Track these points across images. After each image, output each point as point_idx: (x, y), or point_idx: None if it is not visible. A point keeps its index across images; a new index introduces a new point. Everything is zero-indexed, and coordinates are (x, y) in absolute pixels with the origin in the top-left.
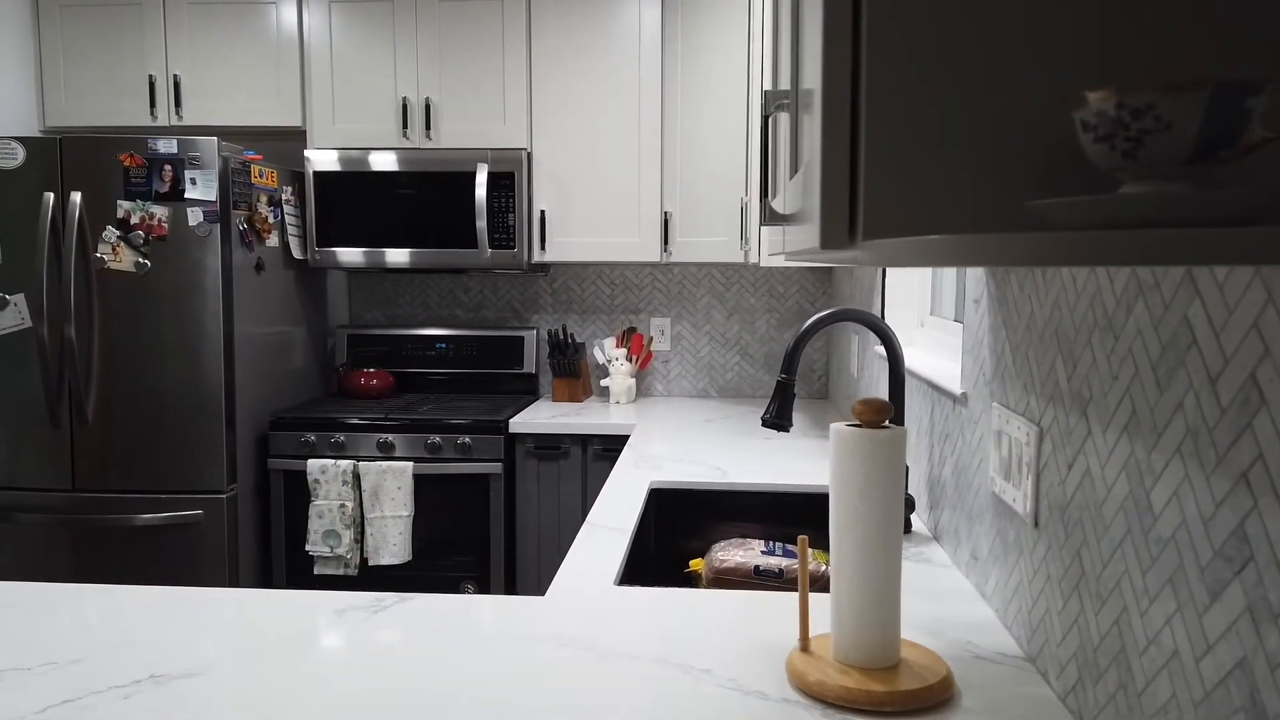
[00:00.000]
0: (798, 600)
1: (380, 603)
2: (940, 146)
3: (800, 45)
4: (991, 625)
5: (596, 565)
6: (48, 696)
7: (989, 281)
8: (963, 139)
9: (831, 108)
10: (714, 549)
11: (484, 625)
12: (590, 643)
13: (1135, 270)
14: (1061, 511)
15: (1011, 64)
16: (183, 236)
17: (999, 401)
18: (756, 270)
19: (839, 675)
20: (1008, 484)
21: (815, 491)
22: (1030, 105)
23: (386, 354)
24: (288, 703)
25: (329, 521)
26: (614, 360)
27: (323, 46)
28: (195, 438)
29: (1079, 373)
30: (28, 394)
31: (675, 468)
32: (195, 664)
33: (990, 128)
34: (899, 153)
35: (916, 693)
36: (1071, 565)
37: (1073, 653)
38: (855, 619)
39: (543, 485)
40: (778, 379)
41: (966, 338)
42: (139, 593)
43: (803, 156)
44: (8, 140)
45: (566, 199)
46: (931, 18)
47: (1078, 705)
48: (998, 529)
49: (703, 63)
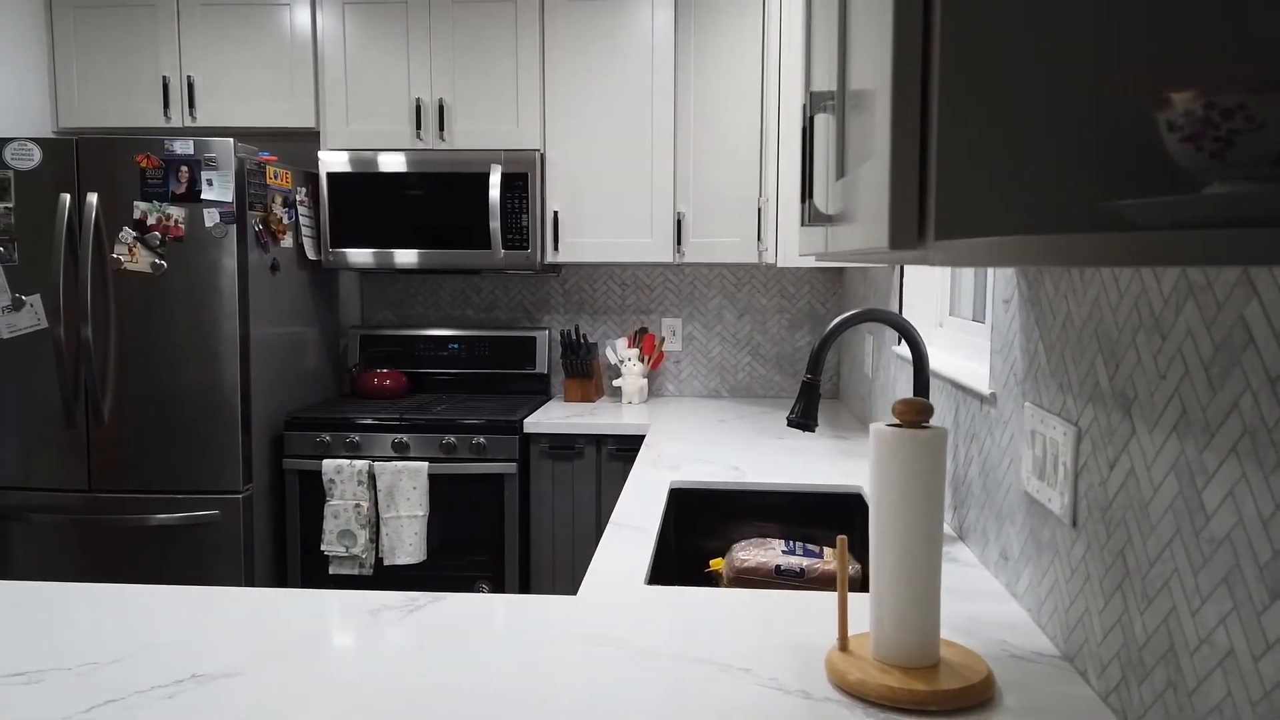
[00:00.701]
0: (835, 599)
1: (414, 602)
2: (1017, 146)
3: (847, 45)
4: (1024, 624)
5: (625, 565)
6: (91, 696)
7: (1020, 282)
8: (1041, 138)
9: (901, 105)
10: (734, 549)
11: (519, 625)
12: (627, 642)
13: (1185, 271)
14: (1103, 511)
15: (1093, 62)
16: (199, 237)
17: (1032, 401)
18: (768, 271)
19: (880, 674)
20: (1042, 484)
21: (833, 491)
22: (1111, 104)
23: (399, 354)
24: (332, 702)
25: (344, 521)
26: (627, 361)
27: (336, 47)
28: (211, 438)
29: (1122, 372)
30: (43, 395)
31: (693, 468)
32: (235, 664)
33: (1070, 127)
34: (973, 152)
35: (959, 692)
36: (1114, 565)
37: (1115, 652)
38: (896, 618)
39: (557, 485)
40: (803, 379)
41: (995, 338)
42: (168, 592)
43: (850, 158)
44: (24, 141)
45: (579, 200)
46: (1010, 13)
47: (1120, 704)
48: (1030, 529)
49: (716, 64)
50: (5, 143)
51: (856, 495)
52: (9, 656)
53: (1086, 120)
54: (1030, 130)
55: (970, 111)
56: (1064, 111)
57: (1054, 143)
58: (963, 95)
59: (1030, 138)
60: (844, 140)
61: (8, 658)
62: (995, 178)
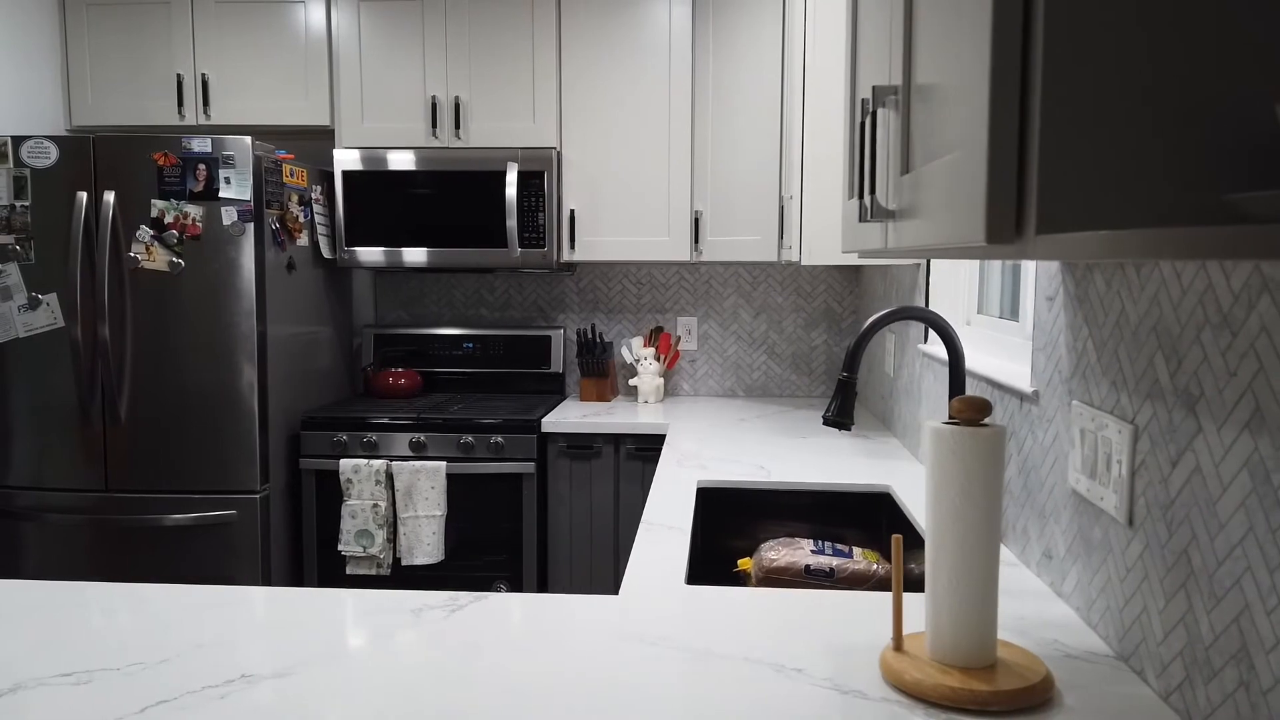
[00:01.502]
0: (875, 599)
1: (455, 602)
2: (1129, 138)
3: (913, 40)
4: (1073, 623)
5: (662, 564)
6: (143, 696)
7: (1066, 279)
8: (1154, 131)
9: (999, 96)
10: (762, 548)
11: (563, 624)
12: (675, 641)
13: (1259, 265)
14: (1163, 510)
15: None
16: (217, 236)
17: (1080, 399)
18: (784, 269)
19: (939, 675)
20: (1093, 482)
21: (861, 490)
22: (1230, 96)
23: (413, 354)
24: (383, 702)
25: (362, 521)
26: (643, 360)
27: (351, 45)
28: (228, 437)
29: (1185, 369)
30: (60, 394)
31: (719, 467)
32: (283, 663)
33: (1185, 119)
34: (1081, 145)
35: (1020, 692)
36: (1177, 564)
37: (1177, 651)
38: (953, 618)
39: (574, 485)
40: (839, 377)
41: (1038, 335)
42: (204, 592)
43: (916, 152)
44: (40, 139)
45: (596, 198)
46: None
47: (1184, 704)
48: (1078, 527)
49: (734, 60)
50: (21, 140)
51: (883, 494)
52: (54, 656)
53: (1205, 113)
54: (1145, 123)
55: (1078, 104)
56: (1182, 104)
57: (1171, 137)
58: (1070, 88)
59: (1144, 131)
60: (909, 135)
61: (53, 658)
62: (1106, 171)
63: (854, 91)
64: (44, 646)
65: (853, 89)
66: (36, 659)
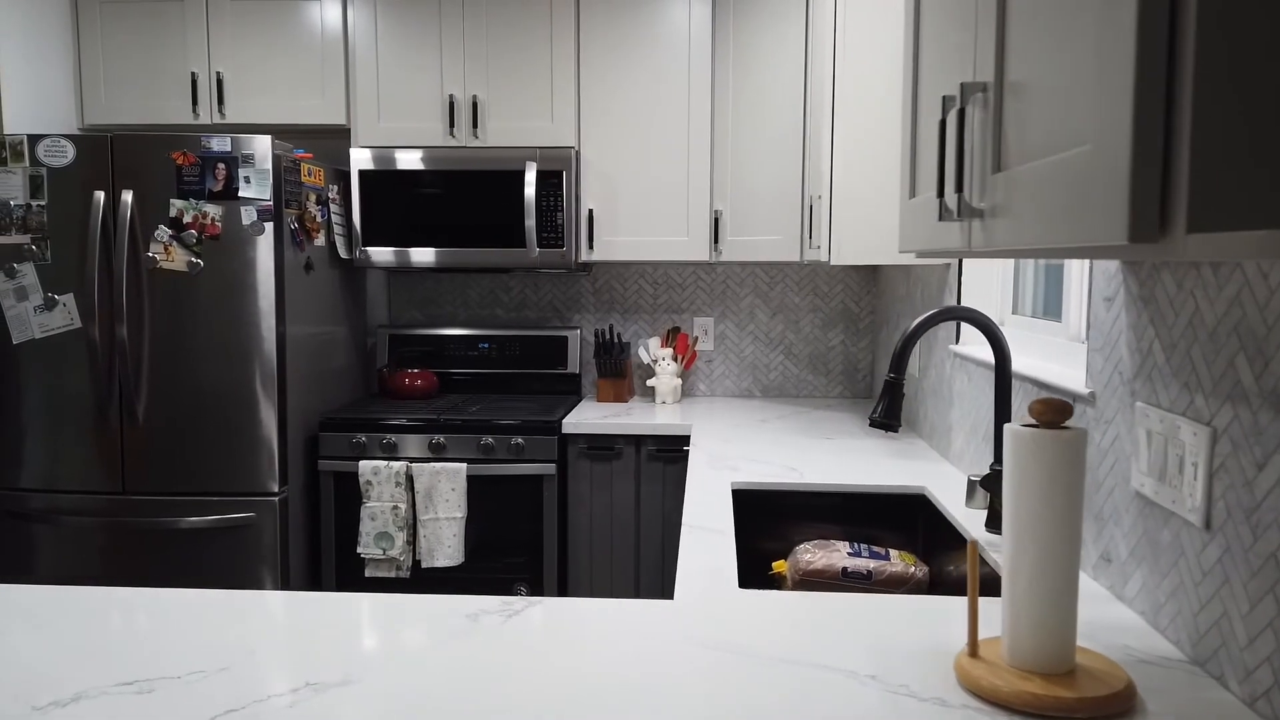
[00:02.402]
0: (935, 603)
1: (510, 606)
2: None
3: (1006, 37)
4: (1139, 627)
5: (711, 568)
6: (209, 706)
7: (1128, 279)
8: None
9: (1145, 85)
10: (797, 550)
11: (629, 629)
12: (739, 647)
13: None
14: (1247, 514)
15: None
16: (235, 236)
17: (1145, 401)
18: (801, 269)
19: (1019, 681)
20: (1161, 485)
21: (895, 492)
22: None
23: (428, 354)
24: (452, 708)
25: (381, 523)
26: (660, 360)
27: (368, 44)
28: (246, 439)
29: (1272, 371)
30: (76, 395)
31: (751, 468)
32: (347, 671)
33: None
34: (1234, 137)
35: (1105, 699)
36: (1264, 568)
37: (1264, 657)
38: (1033, 623)
39: (595, 486)
40: (886, 378)
41: (1095, 336)
42: (246, 597)
43: (1010, 150)
44: (57, 138)
45: (615, 198)
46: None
47: (1272, 710)
48: (1144, 530)
49: (755, 58)
50: (37, 139)
51: (918, 496)
52: (111, 664)
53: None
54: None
55: (1230, 97)
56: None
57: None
58: (1222, 78)
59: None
60: (1001, 132)
61: (111, 666)
62: (1261, 165)
63: (917, 90)
64: (93, 654)
65: (915, 87)
66: (88, 667)
